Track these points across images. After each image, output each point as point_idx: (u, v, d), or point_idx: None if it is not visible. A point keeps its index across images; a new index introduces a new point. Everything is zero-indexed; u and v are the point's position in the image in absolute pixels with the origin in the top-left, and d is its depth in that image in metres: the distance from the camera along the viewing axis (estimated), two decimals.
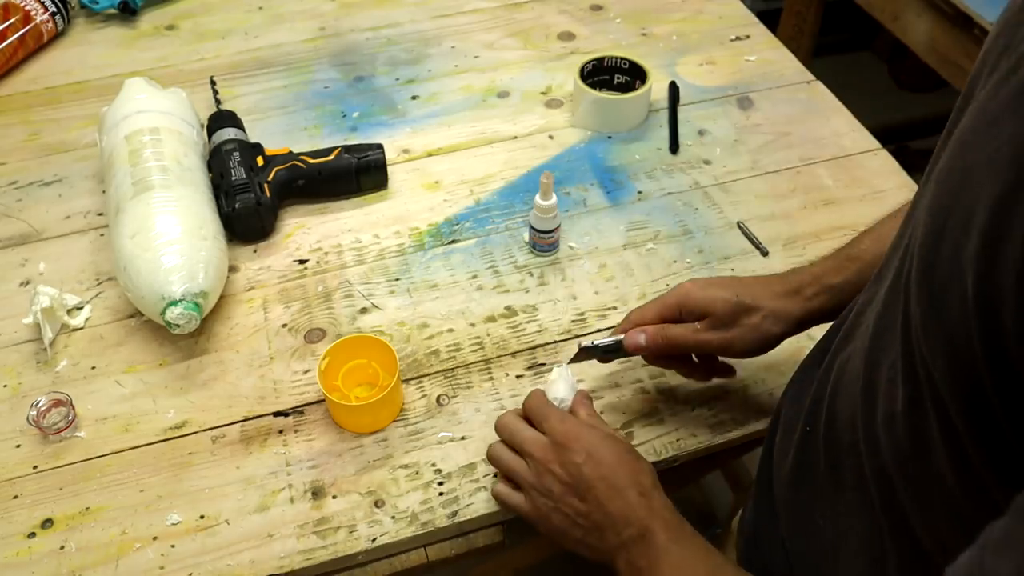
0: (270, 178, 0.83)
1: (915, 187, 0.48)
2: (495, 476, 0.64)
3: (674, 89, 1.00)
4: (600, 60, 0.96)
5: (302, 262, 0.82)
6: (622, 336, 0.64)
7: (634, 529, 0.54)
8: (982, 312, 0.30)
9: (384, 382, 0.68)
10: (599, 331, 0.75)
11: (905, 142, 1.89)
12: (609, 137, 0.95)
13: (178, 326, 0.69)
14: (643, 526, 0.54)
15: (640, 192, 0.88)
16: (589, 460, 0.57)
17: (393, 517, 0.63)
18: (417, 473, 0.65)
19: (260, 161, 0.84)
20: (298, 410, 0.69)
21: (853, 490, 0.46)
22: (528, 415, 0.62)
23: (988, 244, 0.29)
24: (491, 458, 0.63)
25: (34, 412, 0.66)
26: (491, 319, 0.76)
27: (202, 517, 0.63)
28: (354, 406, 0.67)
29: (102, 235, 0.83)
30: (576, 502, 0.57)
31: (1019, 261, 0.28)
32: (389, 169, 0.89)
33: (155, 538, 0.62)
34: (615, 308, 0.77)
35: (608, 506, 0.56)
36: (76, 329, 0.75)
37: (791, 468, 0.54)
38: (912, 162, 0.91)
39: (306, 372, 0.72)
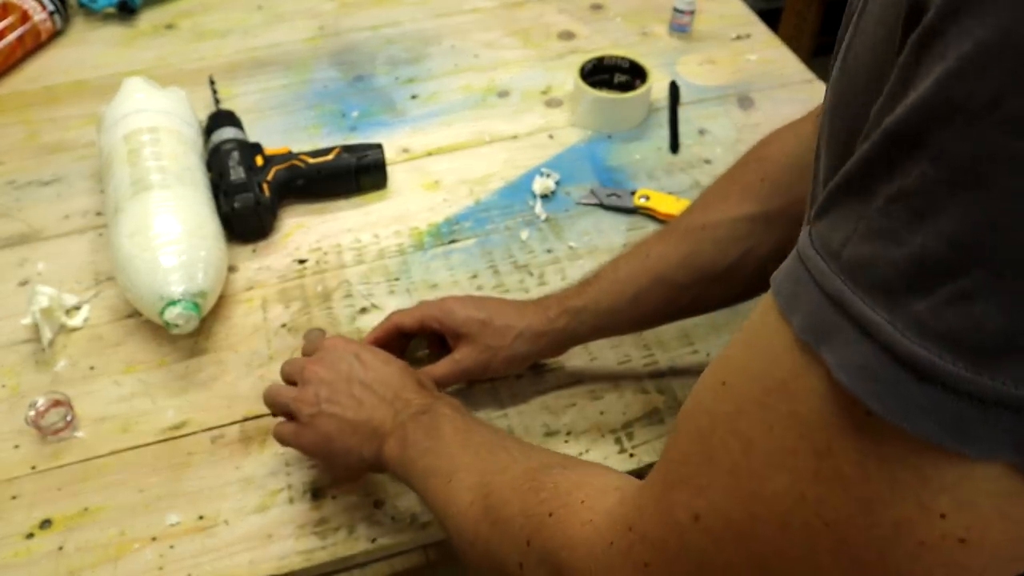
0: (269, 178, 0.83)
1: None
2: None
3: (674, 88, 1.00)
4: (600, 59, 0.96)
5: (301, 262, 0.81)
6: None
7: (414, 408, 0.55)
8: None
9: None
10: None
11: None
12: (609, 137, 0.95)
13: (177, 326, 0.68)
14: (424, 404, 0.55)
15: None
16: (357, 361, 0.58)
17: (393, 517, 0.63)
18: None
19: (259, 161, 0.84)
20: None
21: None
22: (283, 376, 0.63)
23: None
24: (266, 399, 0.62)
25: (32, 412, 0.66)
26: None
27: (201, 517, 0.63)
28: None
29: (101, 235, 0.83)
30: (344, 397, 0.56)
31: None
32: (389, 169, 0.88)
33: (154, 538, 0.61)
34: None
35: (383, 391, 0.56)
36: (75, 329, 0.75)
37: None
38: None
39: None
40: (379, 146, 0.87)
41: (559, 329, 0.65)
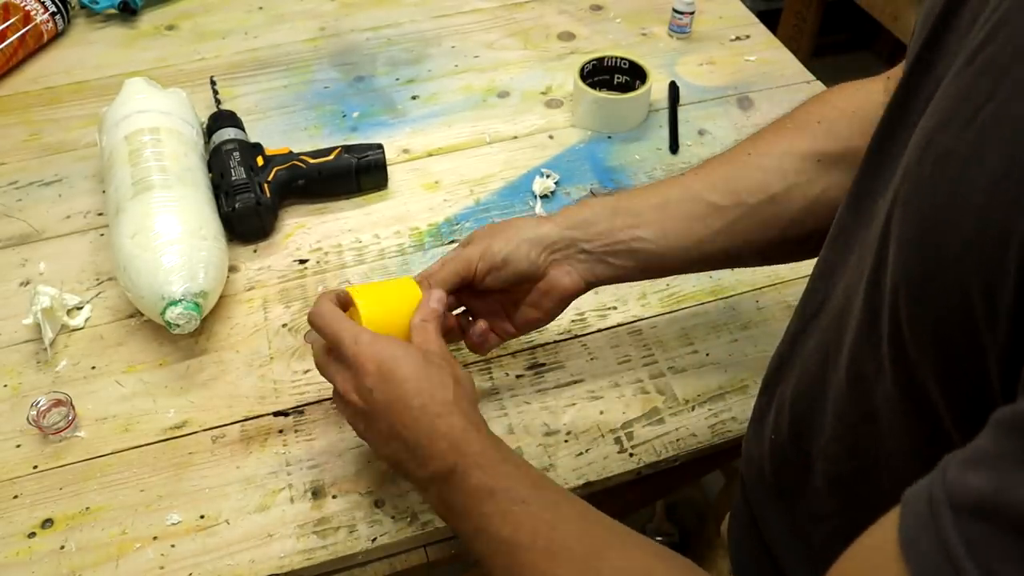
0: (270, 178, 0.83)
1: None
2: None
3: (674, 89, 1.00)
4: (600, 60, 0.96)
5: (302, 262, 0.82)
6: None
7: (440, 463, 0.50)
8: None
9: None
10: (599, 331, 0.75)
11: None
12: (609, 137, 0.95)
13: (178, 326, 0.69)
14: (449, 463, 0.49)
15: None
16: (379, 381, 0.51)
17: (393, 517, 0.63)
18: None
19: (260, 161, 0.84)
20: (298, 410, 0.69)
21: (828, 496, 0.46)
22: (323, 336, 0.56)
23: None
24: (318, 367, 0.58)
25: (34, 412, 0.66)
26: None
27: (202, 517, 0.63)
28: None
29: (102, 235, 0.83)
30: (380, 429, 0.52)
31: None
32: (389, 169, 0.89)
33: (155, 538, 0.62)
34: (615, 308, 0.77)
35: (407, 433, 0.51)
36: (76, 329, 0.75)
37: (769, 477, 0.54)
38: None
39: (306, 372, 0.72)
40: (380, 146, 0.88)
41: (567, 242, 0.60)
